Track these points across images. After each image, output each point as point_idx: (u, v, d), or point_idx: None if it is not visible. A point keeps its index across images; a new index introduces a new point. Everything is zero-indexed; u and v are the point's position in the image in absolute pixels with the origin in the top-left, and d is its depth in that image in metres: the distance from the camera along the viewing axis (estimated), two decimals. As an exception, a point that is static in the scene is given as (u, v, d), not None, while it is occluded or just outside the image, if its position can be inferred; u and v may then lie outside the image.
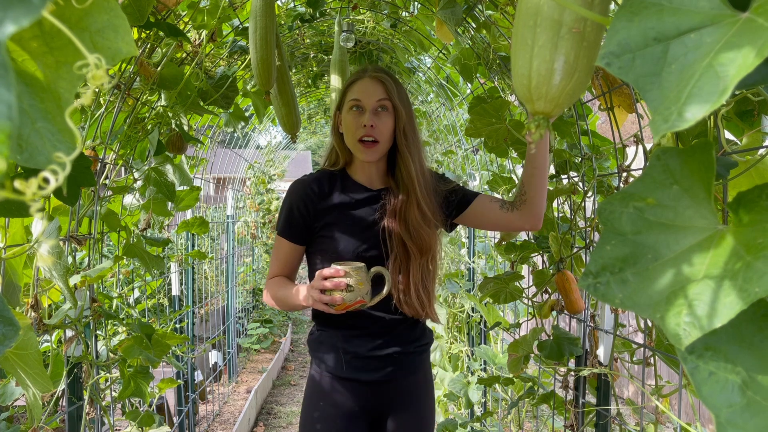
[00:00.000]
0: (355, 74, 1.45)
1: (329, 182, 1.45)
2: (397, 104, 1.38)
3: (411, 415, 1.48)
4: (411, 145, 1.41)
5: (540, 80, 0.58)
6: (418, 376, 1.50)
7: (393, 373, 1.43)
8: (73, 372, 1.38)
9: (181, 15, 1.64)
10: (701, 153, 0.48)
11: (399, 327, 1.44)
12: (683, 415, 2.45)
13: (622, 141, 1.35)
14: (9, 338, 0.53)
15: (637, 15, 0.41)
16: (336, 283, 1.22)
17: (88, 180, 1.06)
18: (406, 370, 1.46)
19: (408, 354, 1.45)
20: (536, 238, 1.69)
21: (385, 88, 1.38)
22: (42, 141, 0.38)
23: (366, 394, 1.43)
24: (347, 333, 1.43)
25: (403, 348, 1.44)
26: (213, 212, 5.07)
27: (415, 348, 1.47)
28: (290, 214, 1.42)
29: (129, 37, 0.46)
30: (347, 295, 1.23)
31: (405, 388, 1.47)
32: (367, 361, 1.41)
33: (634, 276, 0.45)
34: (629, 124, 5.27)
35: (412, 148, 1.41)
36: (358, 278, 1.24)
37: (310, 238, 1.44)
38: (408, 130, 1.41)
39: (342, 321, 1.42)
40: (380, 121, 1.37)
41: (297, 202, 1.41)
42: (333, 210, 1.41)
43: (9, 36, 0.30)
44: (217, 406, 3.98)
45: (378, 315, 1.41)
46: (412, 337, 1.47)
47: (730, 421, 0.40)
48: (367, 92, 1.38)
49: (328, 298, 1.22)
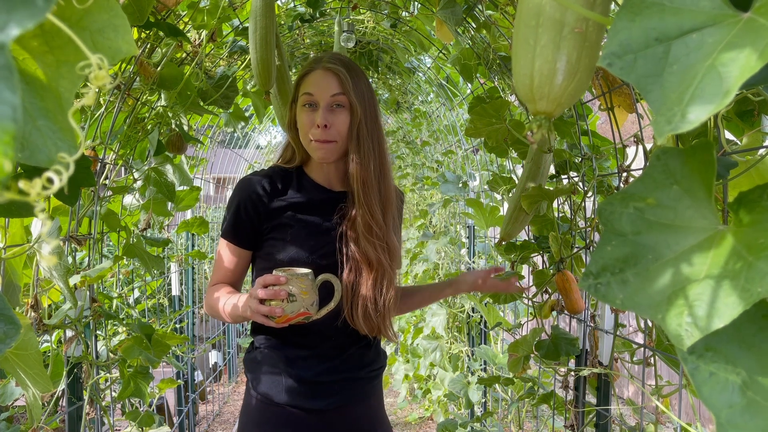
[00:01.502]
0: (309, 64, 1.27)
1: (282, 180, 1.30)
2: (353, 100, 1.22)
3: None
4: (365, 147, 1.24)
5: (542, 80, 0.58)
6: (370, 401, 1.35)
7: (341, 400, 1.27)
8: (73, 372, 1.38)
9: (181, 15, 1.64)
10: (701, 153, 0.48)
11: (351, 348, 1.30)
12: (683, 415, 2.44)
13: (623, 141, 1.35)
14: (10, 337, 0.53)
15: (639, 15, 0.41)
16: (276, 291, 1.06)
17: (88, 180, 1.06)
18: (356, 397, 1.30)
19: (359, 380, 1.31)
20: (536, 238, 1.69)
21: (340, 81, 1.21)
22: (43, 139, 0.38)
23: (308, 425, 1.25)
24: (291, 353, 1.27)
25: (353, 374, 1.29)
26: (213, 212, 5.07)
27: (367, 374, 1.32)
28: (237, 215, 1.27)
29: (129, 37, 0.46)
30: (288, 306, 1.07)
31: (355, 418, 1.31)
32: (312, 386, 1.25)
33: (635, 276, 0.45)
34: (629, 124, 5.27)
35: (367, 150, 1.24)
36: (302, 286, 1.08)
37: (257, 241, 1.29)
38: (363, 130, 1.24)
39: (286, 338, 1.27)
40: (336, 119, 1.21)
41: (245, 201, 1.26)
42: (284, 211, 1.26)
43: (14, 39, 0.30)
44: (217, 406, 3.98)
45: (327, 332, 1.26)
46: (365, 362, 1.32)
47: (730, 422, 0.40)
48: (320, 86, 1.21)
49: (267, 309, 1.05)
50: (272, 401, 1.25)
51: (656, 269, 0.45)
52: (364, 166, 1.23)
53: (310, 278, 1.12)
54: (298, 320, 1.10)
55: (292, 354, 1.27)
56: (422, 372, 3.78)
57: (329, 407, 1.26)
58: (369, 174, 1.24)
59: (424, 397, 3.90)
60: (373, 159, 1.25)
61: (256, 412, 1.28)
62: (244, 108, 2.72)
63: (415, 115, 3.95)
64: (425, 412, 3.92)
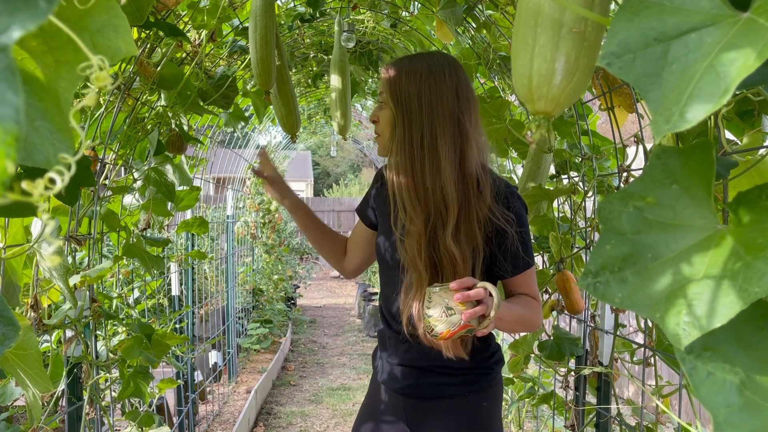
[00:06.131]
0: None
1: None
2: (391, 98, 1.23)
3: None
4: (397, 146, 1.21)
5: (541, 80, 0.58)
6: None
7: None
8: (73, 372, 1.38)
9: (181, 15, 1.64)
10: (701, 152, 0.48)
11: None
12: (683, 415, 2.44)
13: (623, 141, 1.35)
14: (9, 338, 0.53)
15: (638, 15, 0.41)
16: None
17: (88, 180, 1.06)
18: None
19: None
20: (536, 238, 1.69)
21: (383, 79, 1.26)
22: (41, 140, 0.38)
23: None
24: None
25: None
26: (213, 212, 5.07)
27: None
28: (366, 195, 1.46)
29: (129, 36, 0.46)
30: (449, 320, 1.03)
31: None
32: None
33: (634, 275, 0.45)
34: (629, 124, 5.26)
35: (400, 149, 1.21)
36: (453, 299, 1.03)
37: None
38: (401, 129, 1.21)
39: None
40: (381, 116, 1.27)
41: (371, 185, 1.45)
42: (380, 204, 1.39)
43: (16, 41, 0.30)
44: (217, 407, 3.98)
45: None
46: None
47: (728, 422, 0.40)
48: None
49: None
50: None
51: (655, 268, 0.45)
52: (396, 165, 1.23)
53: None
54: (461, 333, 1.05)
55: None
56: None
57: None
58: (400, 176, 1.22)
59: (424, 397, 3.89)
60: (410, 158, 1.20)
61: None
62: (244, 108, 2.72)
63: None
64: (425, 412, 3.91)
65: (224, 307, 4.58)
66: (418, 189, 1.20)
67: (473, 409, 1.31)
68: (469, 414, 1.31)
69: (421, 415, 1.33)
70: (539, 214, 1.55)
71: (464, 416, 1.31)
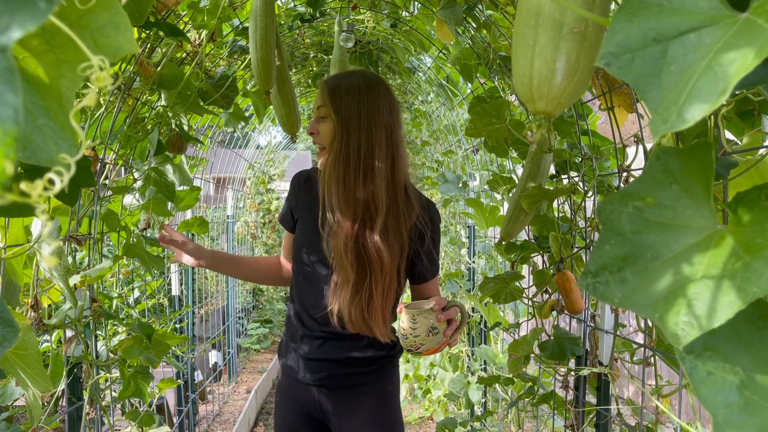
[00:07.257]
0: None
1: (311, 179, 1.50)
2: (333, 110, 1.35)
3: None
4: (341, 152, 1.33)
5: (541, 80, 0.58)
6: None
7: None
8: (73, 372, 1.38)
9: (181, 15, 1.64)
10: (701, 153, 0.48)
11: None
12: (683, 415, 2.44)
13: (623, 141, 1.35)
14: (8, 339, 0.54)
15: (637, 15, 0.41)
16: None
17: (88, 180, 1.06)
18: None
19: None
20: (536, 238, 1.69)
21: (325, 93, 1.37)
22: (44, 138, 0.38)
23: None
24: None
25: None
26: (213, 212, 5.07)
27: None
28: (287, 205, 1.54)
29: (130, 35, 0.46)
30: (434, 339, 1.26)
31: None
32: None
33: (633, 275, 0.45)
34: (629, 124, 5.27)
35: (336, 155, 1.34)
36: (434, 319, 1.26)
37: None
38: (343, 135, 1.32)
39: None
40: (321, 128, 1.37)
41: (289, 191, 1.53)
42: (301, 208, 1.48)
43: (16, 41, 0.30)
44: (217, 406, 3.98)
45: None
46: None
47: (727, 421, 0.40)
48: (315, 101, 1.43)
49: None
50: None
51: (655, 268, 0.45)
52: (330, 172, 1.34)
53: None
54: (443, 348, 1.28)
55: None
56: (422, 372, 3.78)
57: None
58: (334, 182, 1.33)
59: (424, 397, 3.90)
60: (346, 166, 1.32)
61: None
62: (244, 108, 2.72)
63: (415, 115, 3.95)
64: (425, 412, 3.92)
65: (224, 307, 4.58)
66: (349, 194, 1.31)
67: (381, 393, 1.48)
68: (377, 398, 1.47)
69: (334, 404, 1.46)
70: (539, 214, 1.55)
71: (374, 400, 1.47)
